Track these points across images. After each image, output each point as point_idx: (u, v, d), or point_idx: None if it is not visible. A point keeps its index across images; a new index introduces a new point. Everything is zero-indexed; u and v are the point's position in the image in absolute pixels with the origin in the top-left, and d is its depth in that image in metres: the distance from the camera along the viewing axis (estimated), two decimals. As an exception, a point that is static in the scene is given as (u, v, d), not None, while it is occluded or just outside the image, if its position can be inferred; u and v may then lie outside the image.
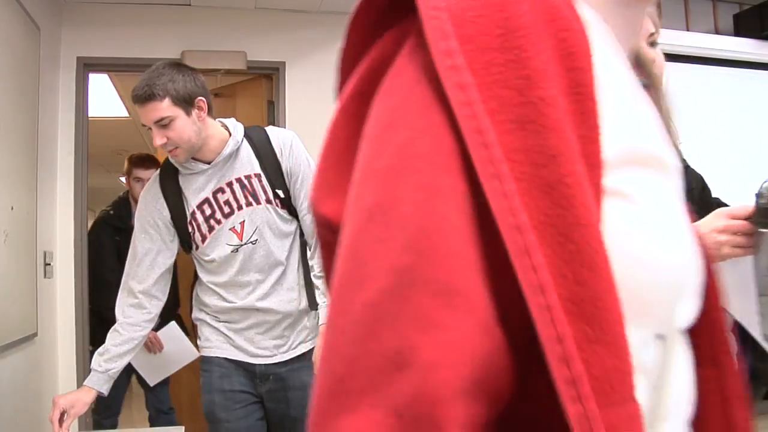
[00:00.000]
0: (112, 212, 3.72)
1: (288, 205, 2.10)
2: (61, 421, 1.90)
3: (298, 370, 2.12)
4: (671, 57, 5.01)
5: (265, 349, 2.10)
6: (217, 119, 2.10)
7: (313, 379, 2.06)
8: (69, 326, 3.65)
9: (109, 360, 1.99)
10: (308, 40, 4.11)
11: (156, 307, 2.08)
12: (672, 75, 5.39)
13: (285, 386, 2.11)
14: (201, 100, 1.97)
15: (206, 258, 2.08)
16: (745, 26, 5.23)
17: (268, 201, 2.05)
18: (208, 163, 2.04)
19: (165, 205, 2.07)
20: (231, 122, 2.12)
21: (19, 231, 3.00)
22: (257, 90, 4.22)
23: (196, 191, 2.05)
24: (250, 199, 2.04)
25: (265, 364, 2.11)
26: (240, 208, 2.04)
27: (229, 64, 3.98)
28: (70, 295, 3.67)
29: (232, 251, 2.05)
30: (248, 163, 2.06)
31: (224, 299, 2.08)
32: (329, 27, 4.13)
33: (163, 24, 3.89)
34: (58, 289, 3.64)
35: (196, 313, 2.18)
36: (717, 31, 5.34)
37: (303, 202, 2.08)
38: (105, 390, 2.01)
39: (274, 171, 2.06)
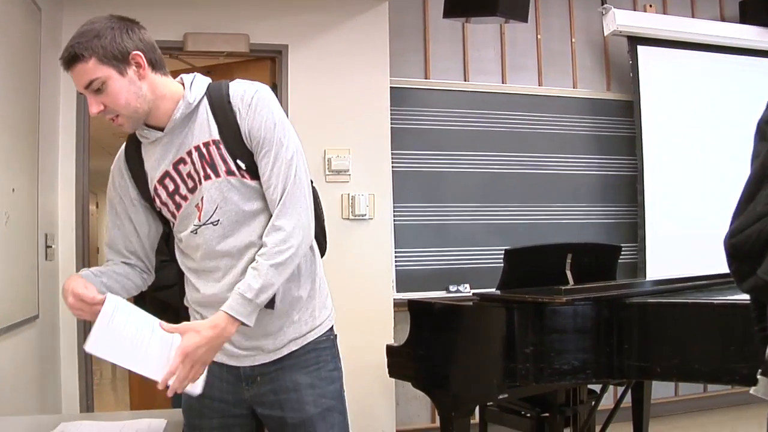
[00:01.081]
0: None
1: (258, 174, 1.74)
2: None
3: (290, 368, 1.79)
4: (676, 44, 5.03)
5: (246, 350, 1.78)
6: (180, 76, 1.78)
7: (308, 378, 1.78)
8: (70, 308, 3.66)
9: (103, 272, 1.77)
10: (311, 23, 4.09)
11: (141, 279, 1.85)
12: (677, 62, 5.37)
13: (275, 389, 1.79)
14: (137, 55, 1.64)
15: (178, 239, 1.81)
16: (751, 14, 5.20)
17: (230, 172, 1.70)
18: (163, 130, 1.73)
19: (131, 181, 1.81)
20: (189, 78, 1.77)
21: (20, 213, 3.00)
22: (261, 72, 4.20)
23: (155, 164, 1.76)
24: (209, 170, 1.71)
25: (250, 366, 1.79)
26: (200, 181, 1.72)
27: (232, 47, 3.96)
28: (72, 277, 3.67)
29: (191, 231, 1.74)
30: (206, 128, 1.72)
31: (195, 288, 1.79)
32: (332, 10, 4.12)
33: (165, 6, 3.86)
34: (60, 271, 3.64)
35: (185, 301, 1.91)
36: (722, 19, 5.32)
37: (267, 174, 1.70)
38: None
39: (234, 136, 1.71)
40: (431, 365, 2.91)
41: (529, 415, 3.22)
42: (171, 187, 1.75)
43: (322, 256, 1.94)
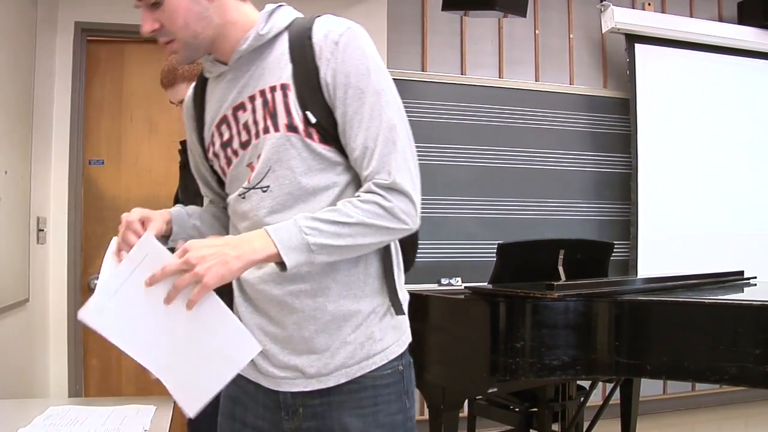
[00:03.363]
0: None
1: (333, 138, 1.33)
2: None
3: (339, 406, 1.37)
4: (674, 43, 5.03)
5: (283, 369, 1.38)
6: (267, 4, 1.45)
7: (361, 423, 1.36)
8: (61, 292, 3.65)
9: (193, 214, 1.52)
10: (309, 12, 4.05)
11: None
12: (674, 61, 5.36)
13: (320, 427, 1.38)
14: None
15: (228, 203, 1.47)
16: (749, 15, 5.21)
17: (292, 128, 1.32)
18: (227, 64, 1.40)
19: (194, 122, 1.51)
20: (272, 6, 1.45)
21: (13, 196, 2.98)
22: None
23: (216, 105, 1.43)
24: (269, 122, 1.33)
25: (291, 392, 1.38)
26: (257, 135, 1.35)
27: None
28: (63, 261, 3.66)
29: (239, 195, 1.39)
30: (277, 69, 1.35)
31: None
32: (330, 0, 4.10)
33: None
34: (51, 255, 3.62)
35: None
36: (720, 19, 5.32)
37: (350, 132, 1.31)
38: (179, 228, 1.46)
39: (308, 81, 1.32)
40: (421, 357, 2.91)
41: (517, 409, 3.23)
42: (226, 135, 1.41)
43: (406, 271, 1.56)
